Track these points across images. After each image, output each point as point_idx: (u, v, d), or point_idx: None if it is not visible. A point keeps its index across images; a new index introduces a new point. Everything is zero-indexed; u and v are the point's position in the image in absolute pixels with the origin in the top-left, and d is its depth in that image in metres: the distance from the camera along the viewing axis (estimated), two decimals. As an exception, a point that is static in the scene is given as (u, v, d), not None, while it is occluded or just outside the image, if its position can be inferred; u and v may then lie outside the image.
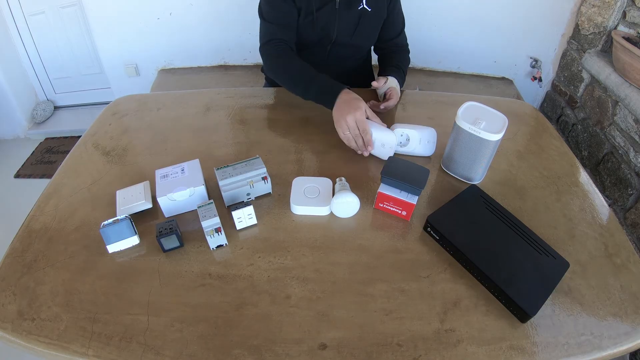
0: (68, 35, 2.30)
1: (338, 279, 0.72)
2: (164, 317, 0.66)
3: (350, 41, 1.20)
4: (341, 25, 1.17)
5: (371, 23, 1.19)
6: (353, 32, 1.18)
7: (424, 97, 1.27)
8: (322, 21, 1.15)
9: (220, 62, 2.20)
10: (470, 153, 0.87)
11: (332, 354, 0.62)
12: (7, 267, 0.73)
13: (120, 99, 1.23)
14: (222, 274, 0.72)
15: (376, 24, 1.21)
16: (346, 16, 1.15)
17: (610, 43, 1.66)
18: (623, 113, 1.49)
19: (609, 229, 0.84)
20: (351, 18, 1.16)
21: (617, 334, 0.66)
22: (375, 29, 1.23)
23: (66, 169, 0.96)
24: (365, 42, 1.26)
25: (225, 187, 0.83)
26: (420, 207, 0.86)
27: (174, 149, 1.01)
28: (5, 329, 0.64)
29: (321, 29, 1.17)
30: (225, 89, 1.27)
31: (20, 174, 2.16)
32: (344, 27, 1.17)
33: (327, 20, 1.15)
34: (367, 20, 1.18)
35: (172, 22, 2.03)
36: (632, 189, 1.45)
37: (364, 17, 1.17)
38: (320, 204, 0.83)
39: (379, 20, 1.20)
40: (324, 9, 1.13)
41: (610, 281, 0.73)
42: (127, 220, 0.74)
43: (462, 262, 0.74)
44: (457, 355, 0.62)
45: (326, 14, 1.14)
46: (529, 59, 2.06)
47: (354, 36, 1.19)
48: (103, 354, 0.61)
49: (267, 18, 1.12)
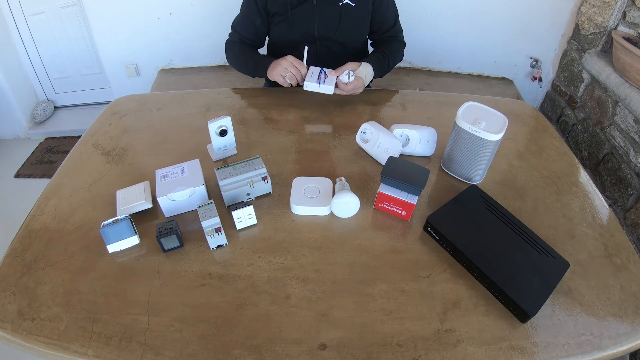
0: (68, 35, 2.30)
1: (338, 279, 0.72)
2: (164, 317, 0.66)
3: (334, 37, 1.20)
4: (321, 21, 1.17)
5: (355, 17, 1.18)
6: (336, 28, 1.18)
7: (424, 97, 1.27)
8: (300, 18, 1.16)
9: (220, 62, 2.20)
10: (470, 153, 0.87)
11: (332, 354, 0.62)
12: (7, 267, 0.73)
13: (120, 99, 1.23)
14: (222, 274, 0.72)
15: (361, 18, 1.20)
16: (326, 12, 1.15)
17: (610, 43, 1.65)
18: (623, 113, 1.49)
19: (609, 229, 0.84)
20: (332, 14, 1.16)
21: (617, 334, 0.66)
22: (362, 23, 1.22)
23: (66, 169, 0.96)
24: (352, 38, 1.24)
25: (225, 187, 0.83)
26: (420, 207, 0.86)
27: (174, 149, 1.01)
28: (5, 329, 0.64)
29: (300, 27, 1.17)
30: (225, 89, 1.27)
31: (20, 174, 2.16)
32: (325, 23, 1.17)
33: (306, 17, 1.16)
34: (350, 15, 1.17)
35: (172, 22, 2.03)
36: (632, 189, 1.45)
37: (346, 12, 1.16)
38: (320, 204, 0.83)
39: (365, 14, 1.19)
40: (300, 6, 1.14)
41: (610, 281, 0.73)
42: (127, 220, 0.74)
43: (462, 262, 0.74)
44: (457, 355, 0.62)
45: (304, 12, 1.15)
46: (529, 59, 2.06)
47: (337, 32, 1.19)
48: (103, 354, 0.61)
49: (236, 28, 1.27)
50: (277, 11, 1.17)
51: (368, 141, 0.98)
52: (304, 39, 1.20)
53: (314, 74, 1.12)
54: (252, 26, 1.23)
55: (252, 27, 1.23)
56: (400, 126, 0.98)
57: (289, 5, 1.14)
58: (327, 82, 1.09)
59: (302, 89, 1.11)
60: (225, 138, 0.96)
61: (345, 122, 1.12)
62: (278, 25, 1.20)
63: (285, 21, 1.17)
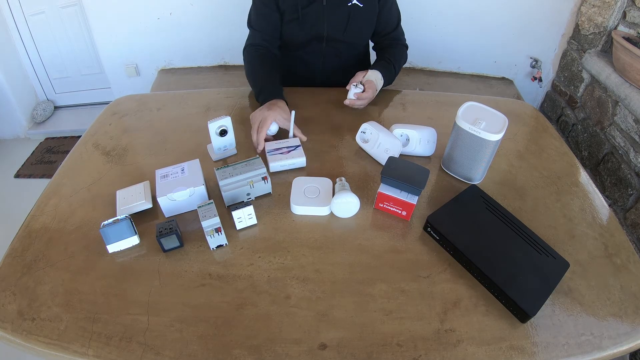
0: (68, 35, 2.30)
1: (338, 279, 0.72)
2: (164, 317, 0.66)
3: (342, 38, 1.20)
4: (331, 22, 1.17)
5: (363, 18, 1.19)
6: (344, 28, 1.18)
7: (424, 97, 1.27)
8: (311, 19, 1.16)
9: (220, 62, 2.20)
10: (470, 153, 0.87)
11: (332, 354, 0.62)
12: (7, 267, 0.73)
13: (120, 99, 1.23)
14: (222, 274, 0.72)
15: (369, 19, 1.20)
16: (335, 13, 1.16)
17: (610, 43, 1.65)
18: (623, 113, 1.49)
19: (609, 229, 0.84)
20: (341, 14, 1.16)
21: (617, 334, 0.66)
22: (369, 24, 1.22)
23: (66, 169, 0.96)
24: (359, 39, 1.25)
25: (225, 187, 0.83)
26: (420, 207, 0.86)
27: (174, 149, 1.01)
28: (5, 329, 0.64)
29: (310, 27, 1.17)
30: (225, 89, 1.27)
31: (20, 174, 2.16)
32: (334, 24, 1.17)
33: (316, 17, 1.16)
34: (358, 16, 1.17)
35: (172, 22, 2.03)
36: (632, 189, 1.45)
37: (355, 13, 1.16)
38: (320, 204, 0.83)
39: (372, 15, 1.20)
40: (310, 7, 1.14)
41: (610, 281, 0.73)
42: (127, 220, 0.74)
43: (462, 262, 0.74)
44: (457, 355, 0.62)
45: (314, 12, 1.15)
46: (529, 59, 2.06)
47: (345, 32, 1.19)
48: (103, 354, 0.61)
49: (254, 26, 1.21)
50: (287, 10, 1.16)
51: (368, 141, 0.98)
52: (315, 38, 1.20)
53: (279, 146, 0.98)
54: (270, 22, 1.18)
55: (270, 23, 1.18)
56: (400, 126, 0.98)
57: (299, 5, 1.14)
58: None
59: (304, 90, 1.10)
60: (225, 138, 0.96)
61: (345, 122, 1.12)
62: (288, 24, 1.18)
63: (296, 20, 1.17)
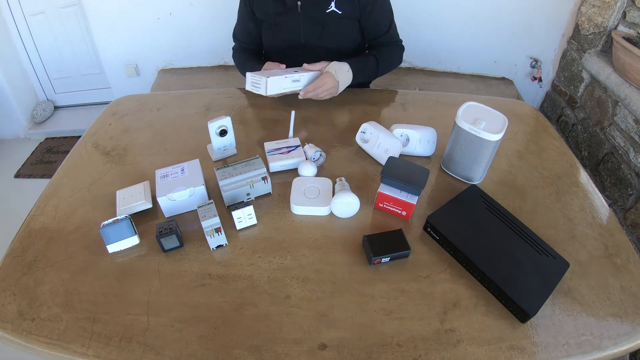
0: (68, 35, 2.30)
1: (338, 279, 0.72)
2: (164, 317, 0.66)
3: (320, 44, 1.20)
4: (306, 28, 1.18)
5: (340, 25, 1.18)
6: (319, 35, 1.19)
7: (424, 97, 1.27)
8: (286, 26, 1.18)
9: (220, 62, 2.20)
10: (470, 153, 0.87)
11: (332, 354, 0.62)
12: (7, 267, 0.73)
13: (120, 99, 1.23)
14: (222, 274, 0.72)
15: (349, 25, 1.19)
16: (310, 20, 1.16)
17: (610, 43, 1.65)
18: (623, 113, 1.49)
19: (609, 229, 0.84)
20: (316, 21, 1.16)
21: (617, 334, 0.66)
22: (350, 30, 1.21)
23: (66, 169, 0.96)
24: (339, 44, 1.22)
25: (225, 187, 0.83)
26: (420, 207, 0.86)
27: (174, 149, 1.01)
28: (5, 329, 0.64)
29: (287, 34, 1.19)
30: (225, 89, 1.27)
31: (20, 174, 2.16)
32: (309, 30, 1.18)
33: (291, 25, 1.17)
34: (334, 23, 1.17)
35: (172, 22, 2.03)
36: (632, 189, 1.45)
37: (330, 20, 1.16)
38: (320, 204, 0.83)
39: (352, 20, 1.19)
40: (285, 14, 1.16)
41: (610, 281, 0.73)
42: (127, 220, 0.74)
43: (462, 262, 0.74)
44: (457, 355, 0.62)
45: (289, 19, 1.16)
46: (529, 59, 2.06)
47: (321, 38, 1.19)
48: (103, 354, 0.61)
49: (235, 34, 1.30)
50: (263, 18, 1.19)
51: (368, 141, 0.98)
52: (294, 44, 1.21)
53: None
54: (247, 32, 1.26)
55: (247, 33, 1.26)
56: (400, 126, 0.98)
57: (273, 13, 1.16)
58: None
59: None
60: (225, 138, 0.96)
61: (345, 122, 1.12)
62: (265, 31, 1.22)
63: (271, 28, 1.19)
